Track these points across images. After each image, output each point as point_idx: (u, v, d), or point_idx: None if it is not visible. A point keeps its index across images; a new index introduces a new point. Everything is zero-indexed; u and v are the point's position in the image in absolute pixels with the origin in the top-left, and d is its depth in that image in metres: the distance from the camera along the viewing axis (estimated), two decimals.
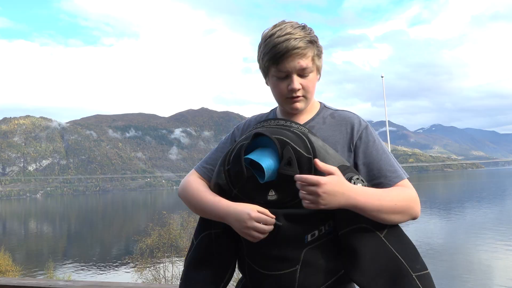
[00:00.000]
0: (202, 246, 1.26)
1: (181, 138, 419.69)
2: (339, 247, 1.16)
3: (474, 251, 29.14)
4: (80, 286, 2.32)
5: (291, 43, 1.14)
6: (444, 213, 52.70)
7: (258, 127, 1.24)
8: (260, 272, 1.18)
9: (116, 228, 65.74)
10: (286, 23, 1.20)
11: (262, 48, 1.21)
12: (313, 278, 1.14)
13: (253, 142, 1.17)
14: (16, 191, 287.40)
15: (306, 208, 1.08)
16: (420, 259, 1.10)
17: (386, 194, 1.12)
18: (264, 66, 1.23)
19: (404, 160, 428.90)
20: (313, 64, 1.21)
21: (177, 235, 22.13)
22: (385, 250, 1.10)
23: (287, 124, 1.22)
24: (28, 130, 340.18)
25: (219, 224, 1.22)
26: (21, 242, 51.59)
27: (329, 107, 1.34)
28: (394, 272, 1.08)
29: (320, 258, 1.14)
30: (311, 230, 1.14)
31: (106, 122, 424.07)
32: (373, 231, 1.11)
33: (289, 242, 1.13)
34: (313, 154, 1.12)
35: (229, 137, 1.40)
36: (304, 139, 1.15)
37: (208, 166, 1.34)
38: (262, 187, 1.15)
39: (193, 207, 1.28)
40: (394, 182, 1.17)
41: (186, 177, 1.35)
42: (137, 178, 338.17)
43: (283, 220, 1.13)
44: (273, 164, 1.12)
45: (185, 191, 1.31)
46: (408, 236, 1.12)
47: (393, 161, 1.22)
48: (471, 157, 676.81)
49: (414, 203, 1.15)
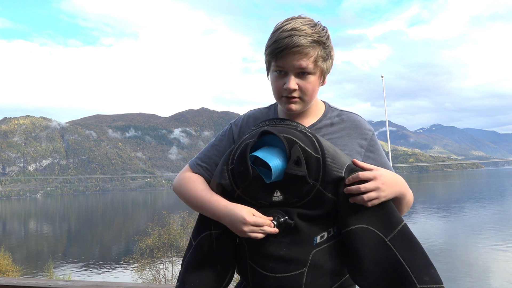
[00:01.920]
0: (202, 247, 1.20)
1: (181, 138, 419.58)
2: (345, 249, 1.14)
3: (474, 251, 29.14)
4: (80, 286, 2.30)
5: (293, 40, 1.09)
6: (443, 213, 52.71)
7: (263, 126, 1.19)
8: (264, 275, 1.13)
9: (116, 228, 65.74)
10: (299, 18, 1.14)
11: (268, 40, 1.16)
12: (320, 280, 1.11)
13: (258, 141, 1.13)
14: (16, 191, 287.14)
15: (370, 206, 1.06)
16: (432, 271, 1.03)
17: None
18: (266, 59, 1.19)
19: (404, 160, 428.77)
20: (316, 66, 1.13)
21: (177, 235, 22.13)
22: (389, 256, 1.05)
23: (294, 124, 1.18)
24: (28, 130, 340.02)
25: (220, 224, 1.18)
26: (21, 242, 51.57)
27: (334, 107, 1.29)
28: (397, 280, 1.03)
29: (327, 261, 1.12)
30: (321, 232, 1.12)
31: (106, 122, 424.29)
32: (378, 234, 1.07)
33: (298, 242, 1.10)
34: (322, 154, 1.09)
35: (226, 133, 1.33)
36: (312, 138, 1.11)
37: (203, 164, 1.29)
38: (267, 188, 1.11)
39: (189, 203, 1.25)
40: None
41: (181, 172, 1.30)
42: (137, 178, 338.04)
43: (296, 219, 1.10)
44: (280, 163, 1.08)
45: (182, 186, 1.26)
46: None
47: (388, 161, 1.26)
48: (471, 157, 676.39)
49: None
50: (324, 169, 1.08)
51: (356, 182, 1.07)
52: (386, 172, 1.10)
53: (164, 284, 1.87)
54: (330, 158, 1.10)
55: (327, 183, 1.10)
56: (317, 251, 1.11)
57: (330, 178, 1.09)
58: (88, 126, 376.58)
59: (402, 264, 1.03)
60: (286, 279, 1.10)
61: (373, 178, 1.06)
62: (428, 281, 1.01)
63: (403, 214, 1.16)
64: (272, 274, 1.11)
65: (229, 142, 1.29)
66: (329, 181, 1.09)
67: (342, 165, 1.10)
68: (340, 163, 1.10)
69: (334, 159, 1.10)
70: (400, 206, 1.14)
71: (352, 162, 1.12)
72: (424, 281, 1.01)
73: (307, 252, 1.10)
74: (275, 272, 1.11)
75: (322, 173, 1.08)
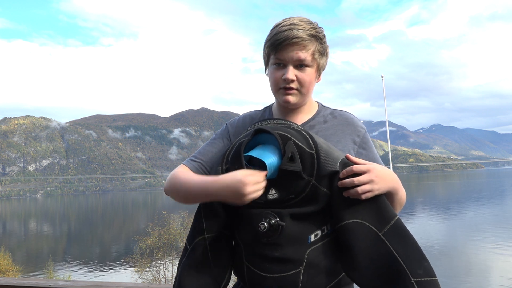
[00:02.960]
0: (197, 252, 1.20)
1: (181, 138, 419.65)
2: (340, 246, 1.13)
3: (473, 251, 29.17)
4: (80, 286, 2.30)
5: (293, 32, 1.15)
6: (443, 213, 52.71)
7: (257, 125, 1.21)
8: (261, 275, 1.12)
9: (116, 228, 65.78)
10: (297, 17, 1.21)
11: (268, 36, 1.21)
12: (316, 279, 1.11)
13: (252, 140, 1.14)
14: (16, 191, 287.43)
15: (364, 198, 1.07)
16: (425, 264, 1.03)
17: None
18: (265, 53, 1.24)
19: (404, 160, 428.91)
20: (313, 59, 1.19)
21: (177, 235, 22.17)
22: (383, 250, 1.04)
23: (287, 123, 1.20)
24: (28, 130, 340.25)
25: (214, 228, 1.19)
26: (21, 242, 51.61)
27: (327, 107, 1.34)
28: (392, 275, 1.03)
29: (323, 259, 1.11)
30: (315, 230, 1.11)
31: (106, 122, 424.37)
32: (372, 228, 1.06)
33: (292, 243, 1.10)
34: (316, 149, 1.10)
35: (222, 133, 1.35)
36: (306, 135, 1.13)
37: (197, 160, 1.30)
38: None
39: (182, 196, 1.23)
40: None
41: (172, 171, 1.30)
42: (137, 178, 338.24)
43: (288, 220, 1.09)
44: (275, 160, 1.09)
45: (170, 182, 1.25)
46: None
47: (380, 159, 1.28)
48: (471, 157, 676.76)
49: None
50: (318, 164, 1.09)
51: (349, 176, 1.08)
52: (379, 166, 1.12)
53: (164, 284, 1.88)
54: (323, 153, 1.11)
55: (322, 177, 1.10)
56: (312, 249, 1.10)
57: (325, 172, 1.10)
58: (88, 126, 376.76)
59: (396, 258, 1.03)
60: (282, 279, 1.09)
61: (367, 171, 1.07)
62: (422, 274, 1.01)
63: (397, 211, 1.16)
64: (269, 274, 1.11)
65: (225, 141, 1.31)
66: (323, 175, 1.10)
67: (336, 160, 1.11)
68: (333, 157, 1.11)
69: (327, 154, 1.11)
70: (393, 202, 1.15)
71: (345, 157, 1.13)
72: (418, 274, 1.01)
73: (302, 252, 1.10)
74: (271, 273, 1.11)
75: (317, 168, 1.09)
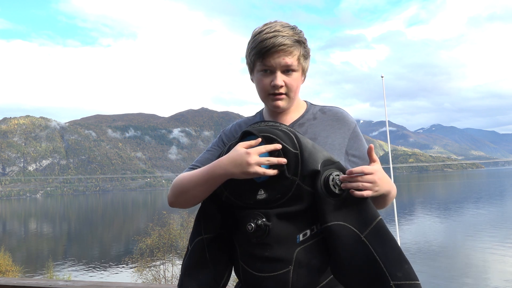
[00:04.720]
0: (196, 252, 1.24)
1: (181, 138, 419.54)
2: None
3: (473, 251, 29.19)
4: (80, 286, 2.31)
5: (278, 40, 1.17)
6: (443, 213, 52.74)
7: (247, 128, 1.25)
8: (254, 274, 1.16)
9: (116, 228, 65.79)
10: (277, 22, 1.23)
11: (250, 43, 1.24)
12: (307, 278, 1.13)
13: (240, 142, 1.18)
14: (16, 191, 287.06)
15: (359, 196, 1.08)
16: (406, 267, 1.03)
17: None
18: (250, 61, 1.25)
19: (404, 160, 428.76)
20: (298, 64, 1.22)
21: (177, 235, 22.17)
22: (365, 252, 1.06)
23: (277, 124, 1.22)
24: (28, 130, 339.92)
25: (211, 229, 1.23)
26: (21, 242, 51.62)
27: (316, 104, 1.36)
28: (372, 277, 1.05)
29: (312, 258, 1.13)
30: (303, 229, 1.13)
31: (106, 122, 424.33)
32: (354, 230, 1.08)
33: (281, 242, 1.12)
34: (300, 150, 1.13)
35: (218, 141, 1.39)
36: (292, 136, 1.16)
37: (196, 166, 1.33)
38: (252, 187, 1.15)
39: (190, 193, 1.23)
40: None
41: (172, 182, 1.33)
42: (137, 178, 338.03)
43: (275, 220, 1.12)
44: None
45: (174, 188, 1.27)
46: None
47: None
48: (471, 157, 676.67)
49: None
50: (302, 164, 1.12)
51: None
52: (382, 169, 1.13)
53: (164, 284, 1.89)
54: (307, 153, 1.13)
55: (305, 177, 1.13)
56: (301, 249, 1.12)
57: (307, 171, 1.12)
58: (88, 126, 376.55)
59: (376, 260, 1.04)
60: (273, 278, 1.12)
61: (373, 172, 1.08)
62: (402, 277, 1.01)
63: (387, 206, 1.22)
64: (261, 274, 1.14)
65: (220, 149, 1.35)
66: (306, 174, 1.13)
67: (318, 160, 1.13)
68: (316, 157, 1.14)
69: (311, 154, 1.14)
70: (385, 201, 1.20)
71: (367, 151, 1.16)
72: (398, 277, 1.01)
73: (291, 251, 1.12)
74: (263, 272, 1.14)
75: (301, 168, 1.12)
